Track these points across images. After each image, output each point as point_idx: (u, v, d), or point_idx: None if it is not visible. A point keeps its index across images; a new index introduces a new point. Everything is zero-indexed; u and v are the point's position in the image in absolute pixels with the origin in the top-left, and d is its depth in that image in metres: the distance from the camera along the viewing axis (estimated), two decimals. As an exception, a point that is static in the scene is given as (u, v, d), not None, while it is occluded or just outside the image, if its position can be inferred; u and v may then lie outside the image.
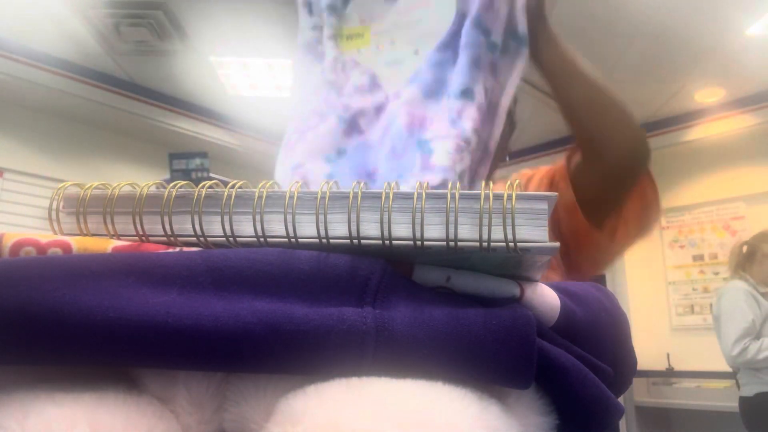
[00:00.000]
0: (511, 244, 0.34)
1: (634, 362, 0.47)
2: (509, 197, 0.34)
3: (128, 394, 0.32)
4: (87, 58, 3.11)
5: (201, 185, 0.37)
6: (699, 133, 3.99)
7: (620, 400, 0.42)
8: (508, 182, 0.35)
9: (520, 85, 0.60)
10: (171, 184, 0.38)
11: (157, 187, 0.38)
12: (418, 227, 0.34)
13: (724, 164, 4.00)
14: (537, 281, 0.40)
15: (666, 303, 4.18)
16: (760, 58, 3.21)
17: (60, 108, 3.27)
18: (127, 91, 3.38)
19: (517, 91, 0.60)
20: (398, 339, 0.32)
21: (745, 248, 2.57)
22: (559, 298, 0.40)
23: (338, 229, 0.36)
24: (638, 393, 3.93)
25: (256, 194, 0.36)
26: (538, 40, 0.64)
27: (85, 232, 0.38)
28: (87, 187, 0.38)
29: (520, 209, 0.34)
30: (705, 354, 3.63)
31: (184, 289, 0.32)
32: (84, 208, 0.38)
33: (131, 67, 3.24)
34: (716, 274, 3.98)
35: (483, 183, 0.36)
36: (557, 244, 0.35)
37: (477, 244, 0.34)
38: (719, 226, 4.03)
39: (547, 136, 4.52)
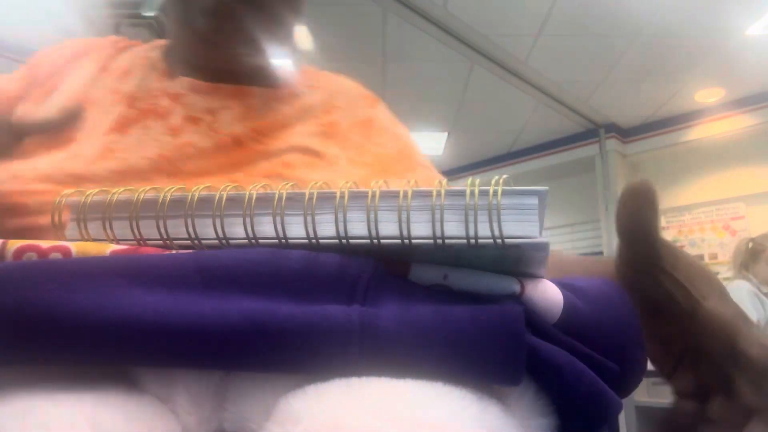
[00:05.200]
0: (499, 240, 0.34)
1: (645, 360, 0.46)
2: (495, 193, 0.34)
3: (128, 394, 0.32)
4: (87, 58, 3.12)
5: (195, 188, 0.37)
6: (699, 133, 4.00)
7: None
8: (495, 178, 0.35)
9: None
10: (166, 189, 0.38)
11: (154, 192, 0.38)
12: (404, 225, 0.34)
13: (724, 164, 4.00)
14: (541, 277, 0.40)
15: (666, 303, 4.18)
16: (760, 58, 3.22)
17: (60, 108, 3.28)
18: (127, 91, 3.38)
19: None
20: (383, 336, 0.32)
21: (750, 245, 2.56)
22: (563, 294, 0.39)
23: (327, 229, 0.36)
24: (638, 393, 3.93)
25: (246, 197, 0.36)
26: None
27: (86, 237, 0.38)
28: (88, 193, 0.39)
29: (507, 205, 0.34)
30: (705, 354, 3.63)
31: (174, 289, 0.32)
32: (84, 214, 0.38)
33: (131, 67, 3.25)
34: (716, 274, 3.99)
35: (469, 179, 0.36)
36: (547, 239, 0.34)
37: (464, 240, 0.34)
38: (719, 226, 4.03)
39: (548, 136, 4.52)
